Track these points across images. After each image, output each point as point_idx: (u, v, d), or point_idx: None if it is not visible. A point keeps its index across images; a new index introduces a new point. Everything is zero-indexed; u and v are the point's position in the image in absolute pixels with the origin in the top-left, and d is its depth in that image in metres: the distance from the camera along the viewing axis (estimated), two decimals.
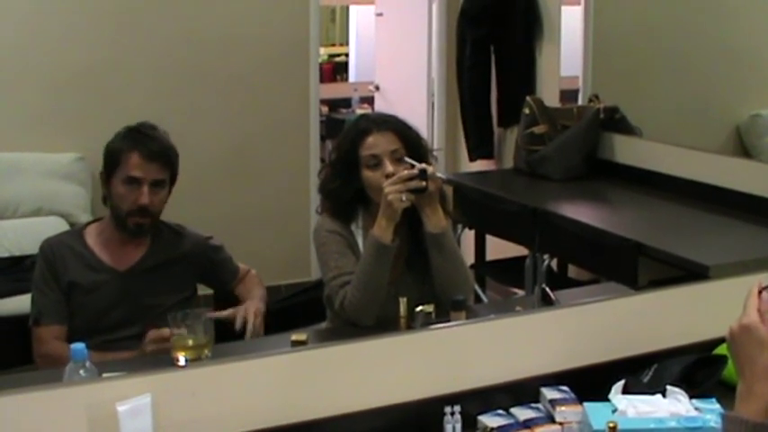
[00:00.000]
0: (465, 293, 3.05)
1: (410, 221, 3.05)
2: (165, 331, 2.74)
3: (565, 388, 2.47)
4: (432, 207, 2.98)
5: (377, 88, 7.84)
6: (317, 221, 3.14)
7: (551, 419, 2.39)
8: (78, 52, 5.35)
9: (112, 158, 3.09)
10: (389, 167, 2.98)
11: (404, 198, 2.88)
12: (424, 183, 2.88)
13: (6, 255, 4.77)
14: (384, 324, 2.92)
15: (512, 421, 2.39)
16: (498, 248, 5.19)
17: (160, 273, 3.16)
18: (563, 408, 2.39)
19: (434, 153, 3.21)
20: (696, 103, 5.14)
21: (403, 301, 2.88)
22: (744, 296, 2.90)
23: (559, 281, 4.73)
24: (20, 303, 3.65)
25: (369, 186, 3.03)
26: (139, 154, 3.05)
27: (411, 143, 3.06)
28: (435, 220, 2.98)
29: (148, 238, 3.17)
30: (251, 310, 3.08)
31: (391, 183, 2.89)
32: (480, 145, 5.97)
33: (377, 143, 3.01)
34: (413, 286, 3.09)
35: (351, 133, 3.06)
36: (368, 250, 2.95)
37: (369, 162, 3.00)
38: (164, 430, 2.10)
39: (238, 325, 3.03)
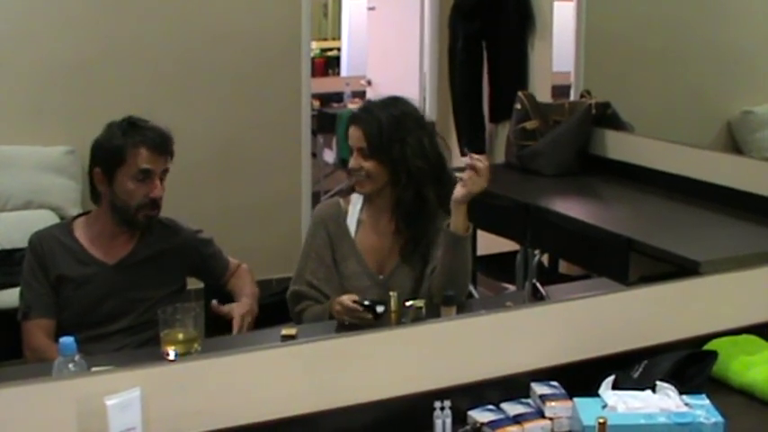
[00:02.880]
0: (463, 293, 3.12)
1: (408, 214, 3.13)
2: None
3: (555, 383, 2.48)
4: (462, 210, 3.04)
5: (369, 83, 7.84)
6: (323, 201, 3.25)
7: (541, 415, 2.40)
8: (69, 45, 5.34)
9: (115, 155, 3.05)
10: (353, 161, 3.12)
11: (346, 322, 2.91)
12: (371, 316, 2.88)
13: None
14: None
15: (502, 416, 2.39)
16: (489, 244, 5.18)
17: (149, 266, 3.16)
18: (553, 403, 2.40)
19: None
20: (688, 99, 5.15)
21: (393, 296, 2.89)
22: (734, 292, 2.93)
23: (550, 276, 4.73)
24: (9, 297, 3.64)
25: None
26: (146, 147, 3.04)
27: (373, 142, 3.10)
28: (464, 223, 3.05)
29: (137, 231, 3.16)
30: (241, 311, 3.11)
31: (343, 311, 2.91)
32: (472, 140, 5.97)
33: (350, 135, 3.14)
34: (405, 279, 3.14)
35: None
36: (324, 310, 3.04)
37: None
38: (153, 424, 2.10)
39: (235, 330, 3.07)
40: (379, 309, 2.87)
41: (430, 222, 3.15)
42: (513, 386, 2.49)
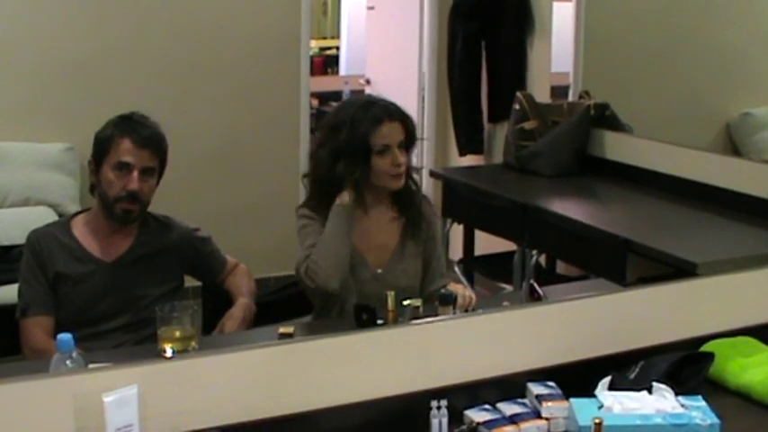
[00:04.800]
0: None
1: (403, 211, 3.19)
2: None
3: (551, 383, 2.48)
4: None
5: (368, 82, 7.82)
6: (299, 210, 3.20)
7: (537, 415, 2.40)
8: (68, 42, 5.34)
9: (103, 145, 3.09)
10: (400, 157, 3.08)
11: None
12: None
13: None
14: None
15: (498, 416, 2.39)
16: (487, 244, 5.19)
17: (147, 264, 3.16)
18: (549, 403, 2.40)
19: (421, 137, 3.33)
20: (686, 100, 5.15)
21: (391, 295, 2.89)
22: (731, 294, 2.93)
23: (548, 277, 4.73)
24: (7, 293, 3.64)
25: (374, 172, 3.10)
26: (131, 140, 3.05)
27: (411, 132, 3.16)
28: None
29: (135, 229, 3.17)
30: (229, 322, 3.13)
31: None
32: (470, 140, 5.97)
33: (388, 133, 3.09)
34: (402, 273, 3.16)
35: (362, 123, 3.08)
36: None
37: (378, 150, 3.07)
38: (150, 421, 2.11)
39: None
40: (379, 321, 2.87)
41: (419, 203, 3.24)
42: (510, 386, 2.49)
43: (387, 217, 3.20)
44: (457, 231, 5.23)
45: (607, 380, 2.49)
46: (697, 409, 2.33)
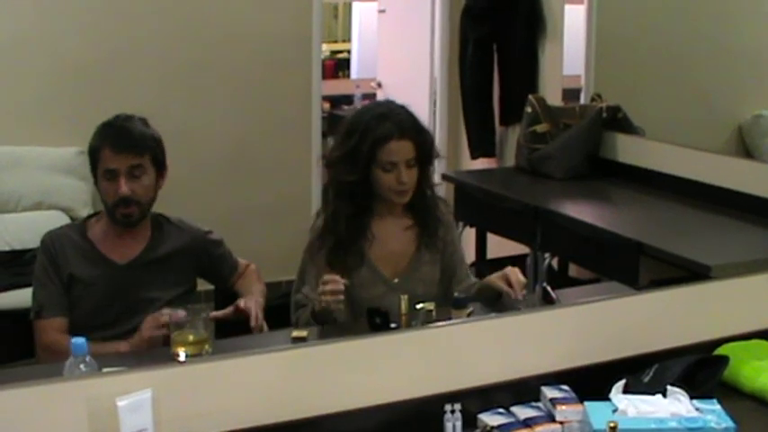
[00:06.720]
0: None
1: (417, 219, 3.18)
2: (164, 318, 2.82)
3: (565, 387, 2.47)
4: None
5: (379, 85, 7.83)
6: (317, 218, 3.21)
7: (552, 418, 2.40)
8: (80, 46, 5.35)
9: (92, 156, 3.10)
10: (404, 175, 3.05)
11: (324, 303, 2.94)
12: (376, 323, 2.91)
13: (7, 248, 4.77)
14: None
15: (512, 420, 2.39)
16: (499, 247, 5.19)
17: (160, 266, 3.16)
18: (563, 407, 2.39)
19: (440, 155, 3.26)
20: (699, 102, 5.14)
21: (404, 299, 2.89)
22: (745, 297, 2.93)
23: (560, 280, 4.73)
24: (20, 297, 3.66)
25: (379, 185, 3.09)
26: (109, 147, 3.05)
27: (424, 150, 3.12)
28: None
29: (149, 231, 3.17)
30: (252, 302, 3.08)
31: (325, 292, 2.92)
32: (482, 143, 5.97)
33: (396, 151, 3.06)
34: (418, 282, 3.15)
35: (371, 135, 3.06)
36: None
37: (385, 166, 3.06)
38: (164, 425, 2.11)
39: (253, 321, 3.03)
40: (392, 325, 2.87)
41: (435, 212, 3.23)
42: (524, 390, 2.48)
43: (401, 225, 3.19)
44: (469, 234, 5.23)
45: (621, 383, 2.48)
46: (712, 413, 2.32)
